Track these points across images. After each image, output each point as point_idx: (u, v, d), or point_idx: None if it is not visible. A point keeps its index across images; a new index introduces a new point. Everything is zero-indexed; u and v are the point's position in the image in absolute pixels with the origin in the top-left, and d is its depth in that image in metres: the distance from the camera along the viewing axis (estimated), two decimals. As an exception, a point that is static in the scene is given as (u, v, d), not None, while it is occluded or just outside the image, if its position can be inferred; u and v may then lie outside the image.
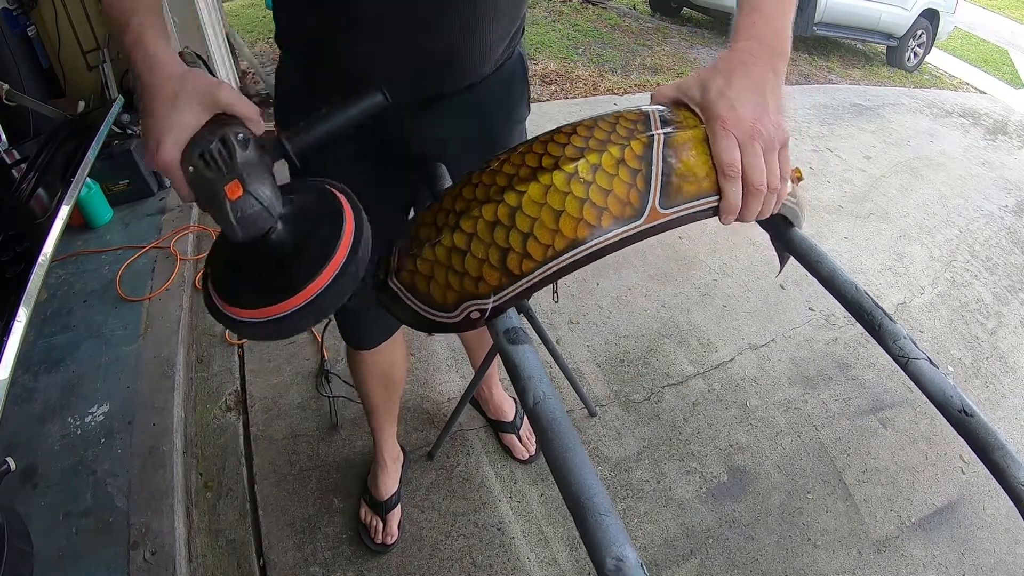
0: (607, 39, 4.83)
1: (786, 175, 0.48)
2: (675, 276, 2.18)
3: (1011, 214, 3.10)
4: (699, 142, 0.48)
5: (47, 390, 1.48)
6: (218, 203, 0.45)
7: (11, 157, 1.54)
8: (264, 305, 0.47)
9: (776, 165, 0.47)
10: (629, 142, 0.47)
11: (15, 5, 2.14)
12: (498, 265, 0.47)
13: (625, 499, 1.44)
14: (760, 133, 0.46)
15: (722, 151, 0.46)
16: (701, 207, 0.47)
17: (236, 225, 0.46)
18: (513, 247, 0.46)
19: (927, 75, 6.09)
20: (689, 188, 0.47)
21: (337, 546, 1.29)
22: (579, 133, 0.49)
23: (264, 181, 0.47)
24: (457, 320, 0.49)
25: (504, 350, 0.47)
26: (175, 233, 2.01)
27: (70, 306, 1.73)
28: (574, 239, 0.45)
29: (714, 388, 1.76)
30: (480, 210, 0.48)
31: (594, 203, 0.45)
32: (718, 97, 0.47)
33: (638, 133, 0.48)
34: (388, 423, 1.30)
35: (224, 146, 0.47)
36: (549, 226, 0.46)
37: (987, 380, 1.99)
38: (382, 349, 1.07)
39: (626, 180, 0.46)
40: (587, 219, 0.45)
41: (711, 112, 0.47)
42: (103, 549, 1.18)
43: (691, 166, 0.47)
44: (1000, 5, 11.45)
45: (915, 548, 1.44)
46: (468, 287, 0.48)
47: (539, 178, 0.47)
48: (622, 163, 0.46)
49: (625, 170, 0.46)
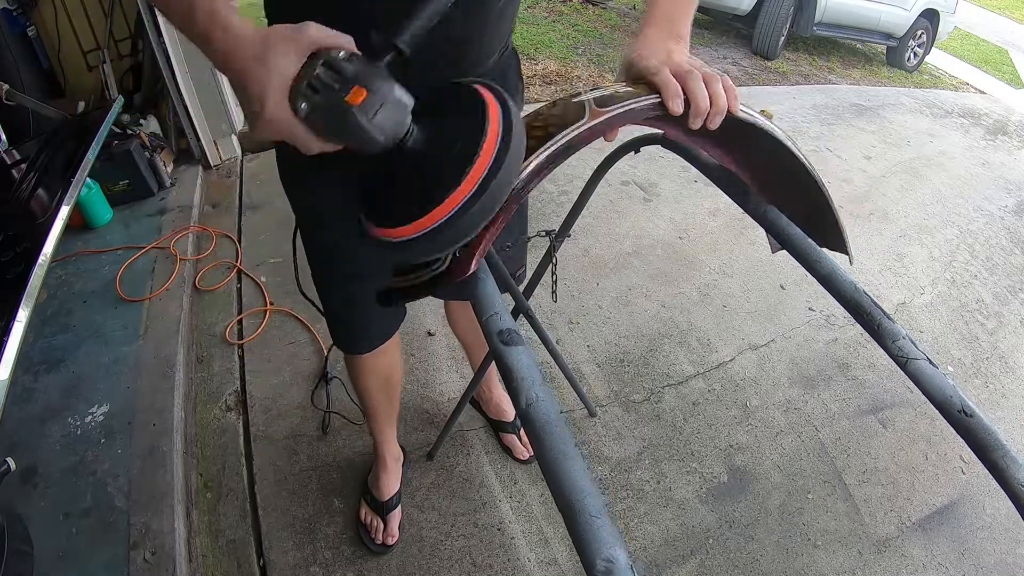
0: (607, 39, 4.83)
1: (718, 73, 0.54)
2: (675, 276, 2.18)
3: (1011, 214, 3.10)
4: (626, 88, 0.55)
5: (47, 390, 1.48)
6: (348, 118, 0.43)
7: (11, 157, 1.54)
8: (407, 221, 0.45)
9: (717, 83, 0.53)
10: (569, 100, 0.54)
11: (15, 5, 2.14)
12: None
13: (625, 499, 1.44)
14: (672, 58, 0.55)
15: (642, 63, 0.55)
16: (642, 103, 0.52)
17: (372, 130, 0.43)
18: None
19: (927, 75, 6.09)
20: (623, 96, 0.53)
21: (337, 546, 1.29)
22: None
23: (386, 79, 0.44)
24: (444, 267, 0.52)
25: (498, 352, 0.47)
26: (175, 233, 2.01)
27: (70, 306, 1.73)
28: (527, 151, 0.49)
29: (714, 388, 1.76)
30: None
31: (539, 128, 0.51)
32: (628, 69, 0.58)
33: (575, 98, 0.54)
34: (388, 425, 1.30)
35: (329, 68, 0.44)
36: None
37: (987, 380, 1.99)
38: (380, 352, 1.06)
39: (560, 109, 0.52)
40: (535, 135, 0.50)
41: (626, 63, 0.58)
42: (103, 549, 1.18)
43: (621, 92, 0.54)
44: (1000, 5, 11.45)
45: (915, 548, 1.44)
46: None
47: None
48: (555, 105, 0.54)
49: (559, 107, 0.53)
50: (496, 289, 0.52)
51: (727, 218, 2.54)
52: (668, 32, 0.59)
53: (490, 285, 0.52)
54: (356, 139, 0.44)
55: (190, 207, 2.17)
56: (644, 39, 0.59)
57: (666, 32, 0.59)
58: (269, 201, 2.28)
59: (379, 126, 0.43)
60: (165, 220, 2.09)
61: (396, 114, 0.44)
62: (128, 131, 2.12)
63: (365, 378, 1.14)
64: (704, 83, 0.53)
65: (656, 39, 0.58)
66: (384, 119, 0.43)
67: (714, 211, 2.59)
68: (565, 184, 2.55)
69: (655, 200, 2.63)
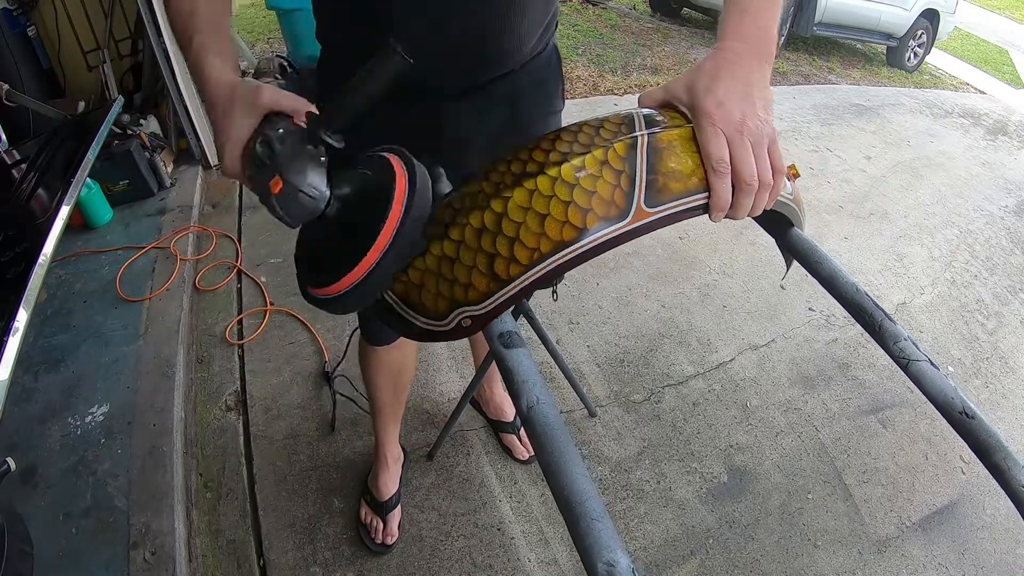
0: (607, 39, 4.83)
1: (779, 169, 0.48)
2: (675, 276, 2.18)
3: (1011, 214, 3.10)
4: (686, 140, 0.48)
5: (47, 390, 1.48)
6: (267, 202, 0.50)
7: (11, 157, 1.54)
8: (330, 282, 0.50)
9: (766, 160, 0.47)
10: (612, 144, 0.47)
11: (15, 5, 2.14)
12: (486, 271, 0.47)
13: (625, 499, 1.44)
14: (748, 128, 0.46)
15: (711, 146, 0.46)
16: (689, 204, 0.47)
17: (282, 215, 0.50)
18: (500, 252, 0.47)
19: (927, 75, 6.09)
20: (675, 186, 0.46)
21: (337, 546, 1.29)
22: (563, 138, 0.49)
23: (304, 171, 0.50)
24: (449, 328, 0.50)
25: (499, 354, 0.47)
26: (175, 233, 2.01)
27: (70, 306, 1.73)
28: (560, 241, 0.46)
29: (714, 388, 1.76)
30: (468, 217, 0.48)
31: (578, 205, 0.45)
32: (705, 94, 0.47)
33: (622, 135, 0.48)
34: (392, 423, 1.30)
35: (266, 145, 0.51)
36: (534, 230, 0.46)
37: (987, 380, 1.99)
38: (395, 347, 1.08)
39: (610, 181, 0.46)
40: (572, 222, 0.45)
41: (698, 109, 0.47)
42: (103, 549, 1.18)
43: (677, 164, 0.47)
44: (1000, 5, 11.45)
45: (915, 548, 1.44)
46: (458, 294, 0.48)
47: (524, 184, 0.47)
48: (605, 164, 0.46)
49: (609, 171, 0.46)
50: None
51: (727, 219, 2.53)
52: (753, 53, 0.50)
53: None
54: (275, 218, 0.51)
55: (190, 207, 2.17)
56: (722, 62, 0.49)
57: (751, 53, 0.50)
58: (269, 201, 2.27)
59: (290, 213, 0.50)
60: (165, 220, 2.09)
61: (305, 204, 0.50)
62: (128, 131, 2.12)
63: (375, 370, 1.15)
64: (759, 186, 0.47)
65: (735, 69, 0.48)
66: (294, 208, 0.50)
67: (714, 211, 2.58)
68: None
69: (655, 200, 2.62)
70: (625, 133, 0.48)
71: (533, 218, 0.46)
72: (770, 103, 0.49)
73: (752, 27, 0.51)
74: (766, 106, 0.48)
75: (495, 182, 0.49)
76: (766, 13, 0.51)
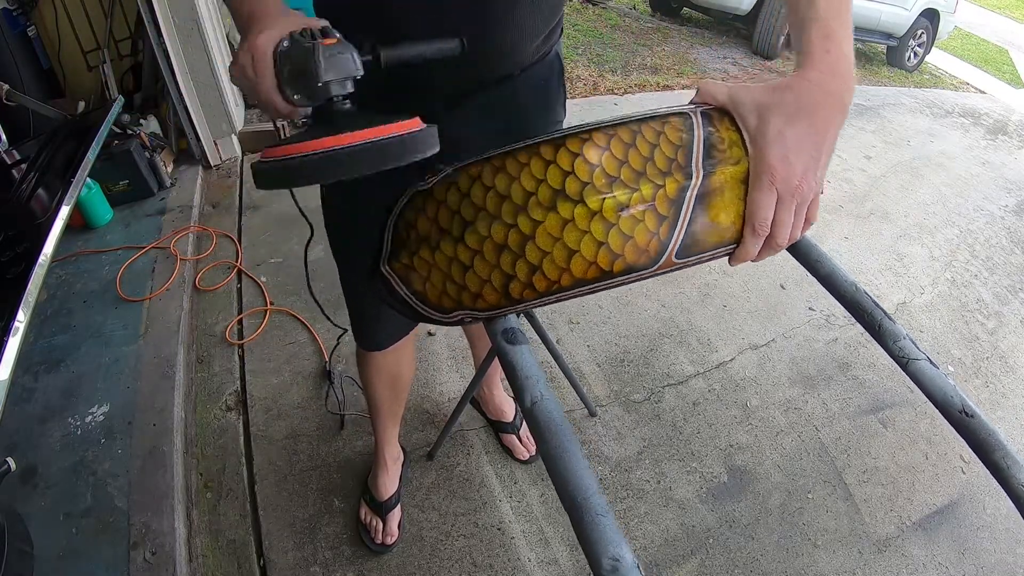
0: (607, 39, 4.83)
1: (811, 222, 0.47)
2: (675, 276, 2.18)
3: (1011, 214, 3.10)
4: (736, 184, 0.45)
5: (47, 390, 1.48)
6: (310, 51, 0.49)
7: (11, 157, 1.54)
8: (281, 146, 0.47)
9: (802, 220, 0.46)
10: (665, 182, 0.44)
11: (15, 5, 2.14)
12: (500, 289, 0.46)
13: (625, 499, 1.44)
14: (802, 190, 0.43)
15: (760, 207, 0.44)
16: (716, 256, 0.47)
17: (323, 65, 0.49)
18: (518, 276, 0.45)
19: (927, 75, 6.09)
20: (710, 239, 0.46)
21: (337, 546, 1.29)
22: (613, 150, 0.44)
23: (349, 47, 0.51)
24: (451, 322, 0.51)
25: (502, 350, 0.47)
26: (175, 233, 2.01)
27: (70, 306, 1.73)
28: (581, 279, 0.45)
29: (714, 388, 1.76)
30: (489, 228, 0.45)
31: (611, 248, 0.44)
32: (775, 141, 0.43)
33: (677, 169, 0.44)
34: (392, 424, 1.30)
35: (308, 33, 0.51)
36: (559, 264, 0.44)
37: (987, 380, 1.99)
38: (392, 351, 1.07)
39: (651, 228, 0.43)
40: (600, 263, 0.44)
41: (762, 157, 0.44)
42: (103, 549, 1.18)
43: (720, 217, 0.45)
44: (1000, 5, 11.45)
45: (915, 548, 1.44)
46: (466, 300, 0.48)
47: (559, 208, 0.44)
48: (651, 207, 0.43)
49: (652, 216, 0.43)
50: None
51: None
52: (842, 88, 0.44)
53: None
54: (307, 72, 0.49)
55: (190, 207, 2.17)
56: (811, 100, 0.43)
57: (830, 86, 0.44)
58: (269, 201, 2.28)
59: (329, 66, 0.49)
60: (165, 220, 2.09)
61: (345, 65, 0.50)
62: (128, 131, 2.12)
63: (373, 374, 1.14)
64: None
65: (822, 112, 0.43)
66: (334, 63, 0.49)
67: (714, 211, 2.58)
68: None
69: (655, 200, 2.63)
70: (680, 166, 0.44)
71: (560, 251, 0.44)
72: (833, 151, 0.45)
73: (840, 57, 0.45)
74: (829, 155, 0.44)
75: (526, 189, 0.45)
76: (849, 39, 0.46)
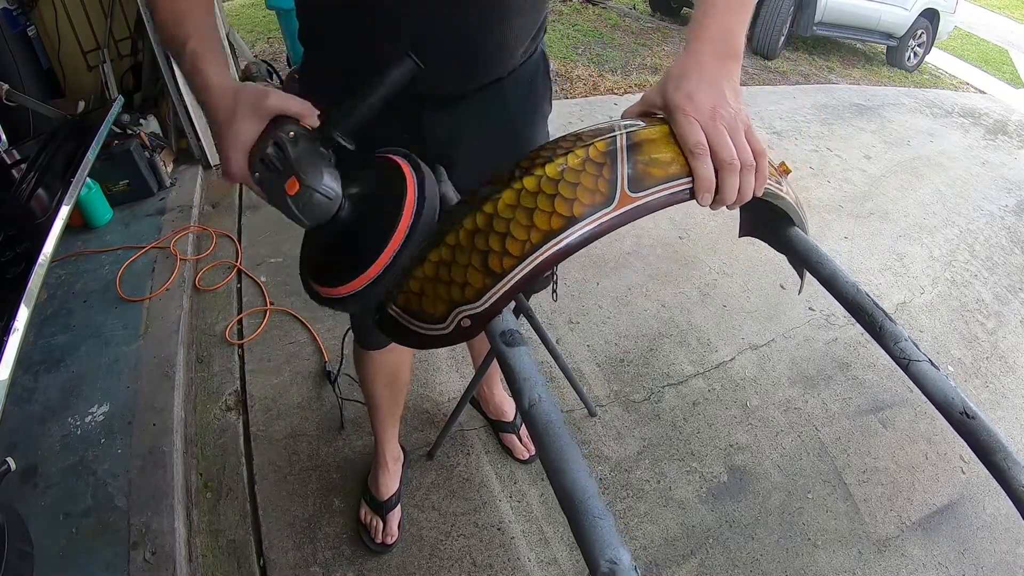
0: (607, 39, 4.83)
1: (760, 152, 0.49)
2: (675, 276, 2.18)
3: (1011, 214, 3.10)
4: (664, 136, 0.50)
5: (47, 390, 1.48)
6: (282, 200, 0.51)
7: (11, 157, 1.54)
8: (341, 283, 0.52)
9: (744, 142, 0.48)
10: (592, 142, 0.49)
11: (15, 5, 2.14)
12: (480, 267, 0.48)
13: (625, 499, 1.44)
14: (721, 115, 0.48)
15: (686, 133, 0.48)
16: (674, 188, 0.48)
17: (300, 216, 0.51)
18: (493, 248, 0.48)
19: (927, 75, 6.09)
20: (657, 172, 0.48)
21: (337, 546, 1.29)
22: (545, 148, 0.52)
23: (319, 172, 0.51)
24: (449, 331, 0.51)
25: (500, 352, 0.47)
26: (175, 233, 2.01)
27: (70, 306, 1.73)
28: (549, 231, 0.47)
29: (714, 388, 1.76)
30: (461, 222, 0.50)
31: (564, 196, 0.47)
32: (675, 91, 0.50)
33: (601, 136, 0.50)
34: (391, 423, 1.30)
35: (278, 148, 0.52)
36: (524, 223, 0.48)
37: (987, 380, 1.99)
38: (390, 350, 1.08)
39: (592, 173, 0.48)
40: (559, 211, 0.47)
41: (671, 105, 0.49)
42: (103, 549, 1.18)
43: (657, 154, 0.49)
44: (1000, 5, 11.44)
45: (915, 548, 1.44)
46: (455, 295, 0.49)
47: (512, 185, 0.49)
48: (587, 160, 0.48)
49: (591, 165, 0.48)
50: None
51: (727, 218, 2.52)
52: (721, 52, 0.52)
53: None
54: (290, 219, 0.52)
55: (190, 207, 2.17)
56: (692, 61, 0.51)
57: (719, 51, 0.52)
58: (269, 201, 2.28)
59: (307, 214, 0.52)
60: (165, 220, 2.09)
61: (321, 206, 0.51)
62: (128, 131, 2.12)
63: (372, 373, 1.14)
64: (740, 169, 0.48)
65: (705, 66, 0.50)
66: (311, 209, 0.51)
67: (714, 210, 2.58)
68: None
69: (655, 200, 2.62)
70: (604, 134, 0.50)
71: (522, 213, 0.48)
72: (740, 94, 0.51)
73: (717, 29, 0.53)
74: (737, 96, 0.50)
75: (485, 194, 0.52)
76: (731, 16, 0.54)
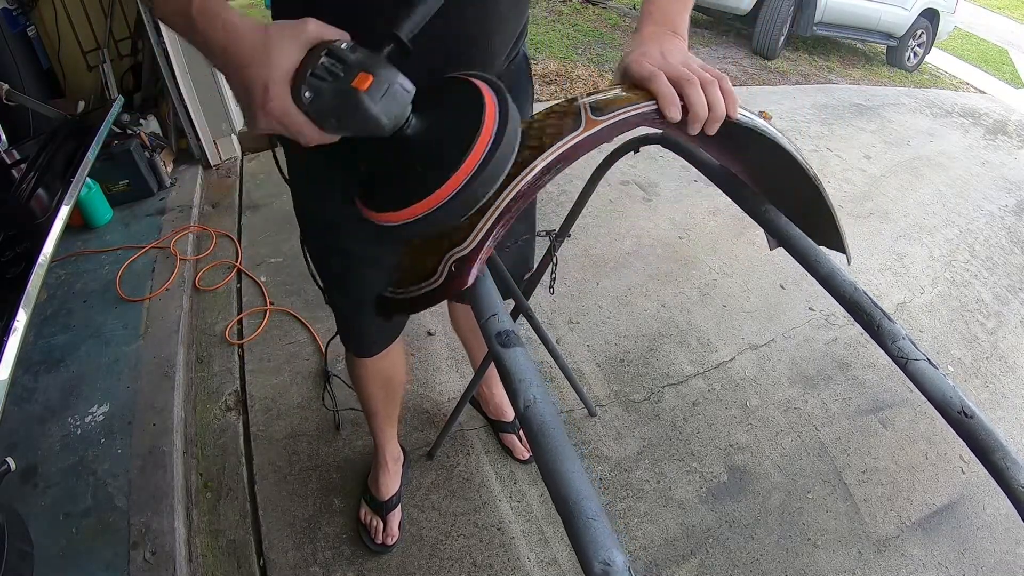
0: (607, 39, 4.83)
1: (717, 74, 0.53)
2: (675, 276, 2.18)
3: (1011, 214, 3.10)
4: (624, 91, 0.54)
5: (47, 390, 1.48)
6: (355, 102, 0.44)
7: (11, 157, 1.54)
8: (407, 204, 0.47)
9: (699, 69, 0.53)
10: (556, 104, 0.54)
11: (15, 5, 2.14)
12: None
13: (625, 499, 1.44)
14: (671, 52, 0.55)
15: (640, 70, 0.53)
16: (640, 109, 0.51)
17: (379, 112, 0.44)
18: None
19: (927, 75, 6.09)
20: (619, 101, 0.52)
21: (337, 546, 1.29)
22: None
23: (388, 66, 0.46)
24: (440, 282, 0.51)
25: (496, 353, 0.47)
26: (175, 233, 2.01)
27: (70, 306, 1.73)
28: (521, 163, 0.49)
29: (714, 388, 1.76)
30: None
31: (534, 137, 0.51)
32: (626, 59, 0.56)
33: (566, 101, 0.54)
34: (389, 425, 1.30)
35: (333, 57, 0.46)
36: None
37: (987, 380, 1.99)
38: (383, 356, 1.07)
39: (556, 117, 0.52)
40: (530, 145, 0.50)
41: (624, 64, 0.56)
42: (103, 549, 1.18)
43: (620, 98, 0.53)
44: (1000, 5, 11.45)
45: (915, 548, 1.44)
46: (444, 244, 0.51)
47: None
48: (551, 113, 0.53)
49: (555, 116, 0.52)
50: (496, 291, 0.52)
51: (727, 218, 2.54)
52: (665, 30, 0.59)
53: (489, 287, 0.52)
54: (362, 123, 0.45)
55: (190, 207, 2.17)
56: (640, 38, 0.59)
57: (663, 30, 0.59)
58: (269, 201, 2.28)
59: (385, 110, 0.45)
60: (165, 220, 2.09)
61: (400, 99, 0.46)
62: (128, 131, 2.12)
63: (365, 379, 1.14)
64: (702, 87, 0.52)
65: (652, 38, 0.58)
66: (389, 103, 0.45)
67: (714, 211, 2.58)
68: (565, 184, 2.55)
69: (655, 200, 2.63)
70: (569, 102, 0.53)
71: None
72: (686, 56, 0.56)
73: (658, 14, 0.60)
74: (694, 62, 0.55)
75: None
76: (672, 4, 0.61)
